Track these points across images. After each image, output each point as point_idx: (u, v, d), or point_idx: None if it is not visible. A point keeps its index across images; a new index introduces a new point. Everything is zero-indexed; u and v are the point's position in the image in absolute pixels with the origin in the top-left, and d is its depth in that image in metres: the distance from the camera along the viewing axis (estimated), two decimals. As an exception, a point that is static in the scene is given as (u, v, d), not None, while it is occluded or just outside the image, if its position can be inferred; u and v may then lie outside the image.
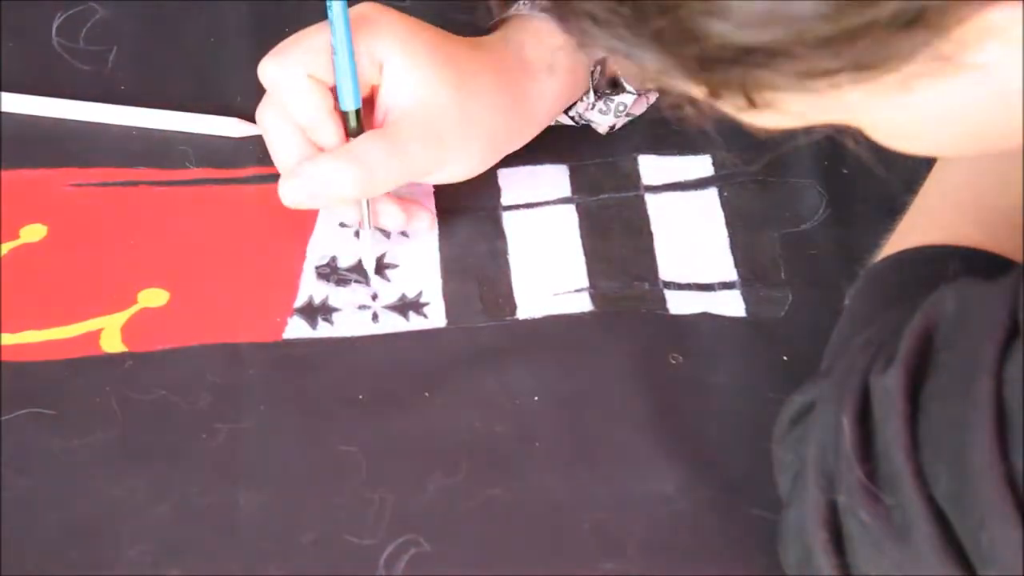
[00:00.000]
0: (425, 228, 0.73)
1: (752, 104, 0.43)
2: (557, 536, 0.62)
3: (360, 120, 0.68)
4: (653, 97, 0.77)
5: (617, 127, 0.76)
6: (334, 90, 0.68)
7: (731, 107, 0.44)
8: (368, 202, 0.70)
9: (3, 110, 0.77)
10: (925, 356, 0.49)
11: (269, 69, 0.68)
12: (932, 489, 0.47)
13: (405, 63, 0.68)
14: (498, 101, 0.71)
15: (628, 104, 0.75)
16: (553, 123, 0.76)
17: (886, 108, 0.44)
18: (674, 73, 0.42)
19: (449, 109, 0.69)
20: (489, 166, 0.73)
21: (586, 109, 0.75)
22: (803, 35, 0.39)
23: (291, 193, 0.68)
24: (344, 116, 0.68)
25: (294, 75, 0.68)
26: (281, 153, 0.70)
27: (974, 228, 0.59)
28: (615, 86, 0.75)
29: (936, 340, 0.50)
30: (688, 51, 0.41)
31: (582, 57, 0.73)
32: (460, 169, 0.72)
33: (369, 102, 0.69)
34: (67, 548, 0.62)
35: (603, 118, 0.76)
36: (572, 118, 0.76)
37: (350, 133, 0.68)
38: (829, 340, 0.61)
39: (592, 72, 0.74)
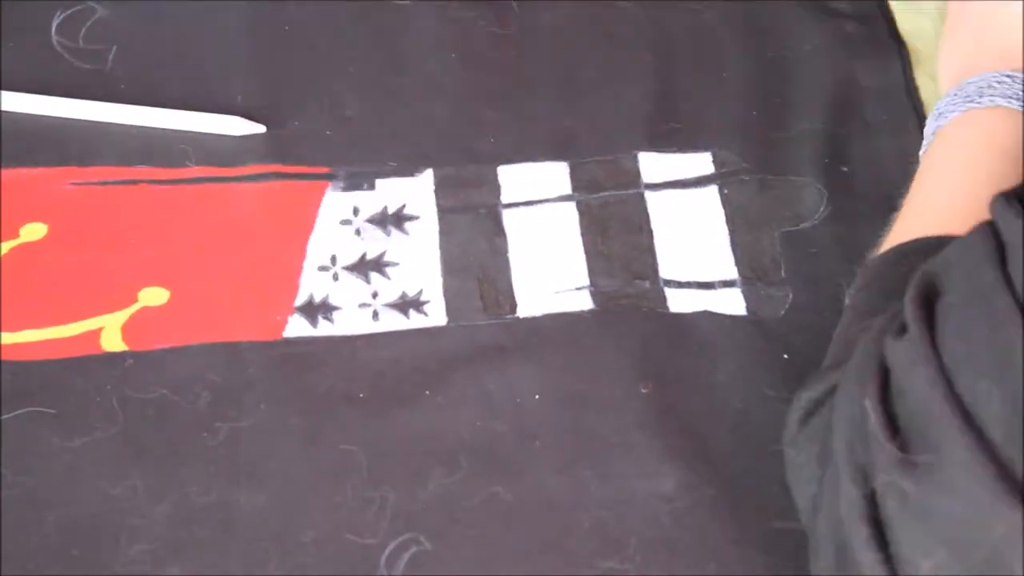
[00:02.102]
0: None
1: None
2: (557, 534, 0.62)
3: None
4: None
5: None
6: None
7: None
8: None
9: (3, 109, 0.77)
10: (931, 310, 0.50)
11: None
12: (984, 412, 0.47)
13: None
14: None
15: None
16: None
17: None
18: None
19: None
20: None
21: None
22: None
23: None
24: None
25: None
26: None
27: (971, 220, 0.59)
28: None
29: (939, 287, 0.51)
30: None
31: None
32: None
33: None
34: (67, 547, 0.62)
35: None
36: None
37: None
38: (833, 337, 0.61)
39: None
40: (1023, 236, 0.48)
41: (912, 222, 0.62)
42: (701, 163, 0.76)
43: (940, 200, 0.63)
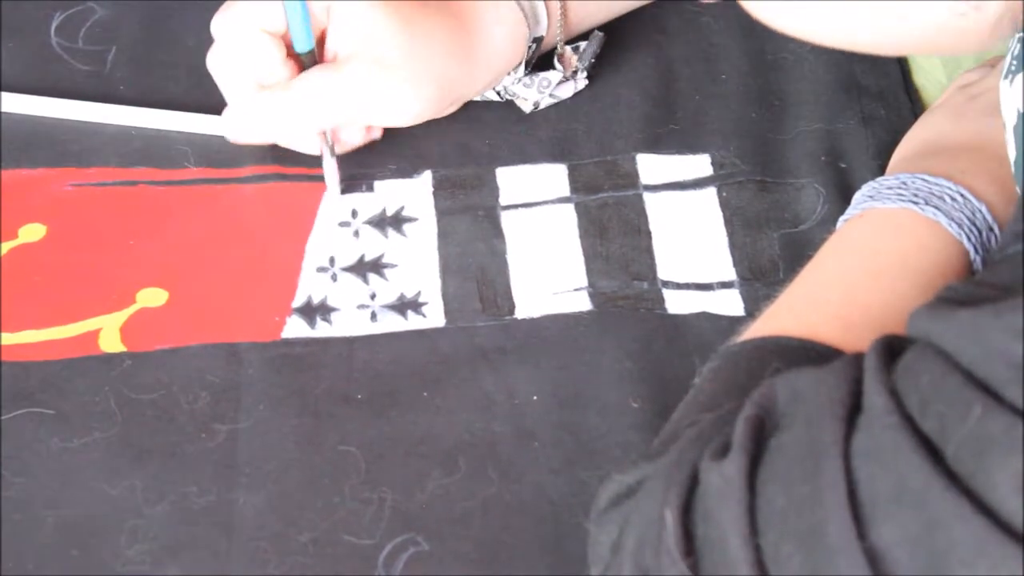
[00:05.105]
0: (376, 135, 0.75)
1: None
2: (555, 536, 0.62)
3: (315, 61, 0.71)
4: (582, 83, 0.78)
5: (541, 106, 0.78)
6: (284, 38, 0.70)
7: None
8: (329, 134, 0.72)
9: (2, 110, 0.77)
10: (758, 443, 0.49)
11: (222, 25, 0.71)
12: (779, 570, 0.47)
13: (353, 4, 0.70)
14: (447, 41, 0.72)
15: (553, 81, 0.77)
16: (480, 98, 0.77)
17: None
18: None
19: (397, 45, 0.70)
20: (443, 112, 0.75)
21: (513, 83, 0.76)
22: None
23: (234, 127, 0.71)
24: (299, 61, 0.70)
25: (247, 30, 0.70)
26: (235, 95, 0.72)
27: (835, 326, 0.59)
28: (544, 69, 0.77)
29: (767, 426, 0.50)
30: None
31: (523, 27, 0.74)
32: (411, 109, 0.72)
33: (320, 45, 0.71)
34: (66, 547, 0.62)
35: (527, 91, 0.77)
36: (498, 93, 0.77)
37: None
38: (671, 417, 0.59)
39: (529, 48, 0.75)
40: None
41: (783, 313, 0.61)
42: (700, 165, 0.76)
43: (816, 299, 0.61)
